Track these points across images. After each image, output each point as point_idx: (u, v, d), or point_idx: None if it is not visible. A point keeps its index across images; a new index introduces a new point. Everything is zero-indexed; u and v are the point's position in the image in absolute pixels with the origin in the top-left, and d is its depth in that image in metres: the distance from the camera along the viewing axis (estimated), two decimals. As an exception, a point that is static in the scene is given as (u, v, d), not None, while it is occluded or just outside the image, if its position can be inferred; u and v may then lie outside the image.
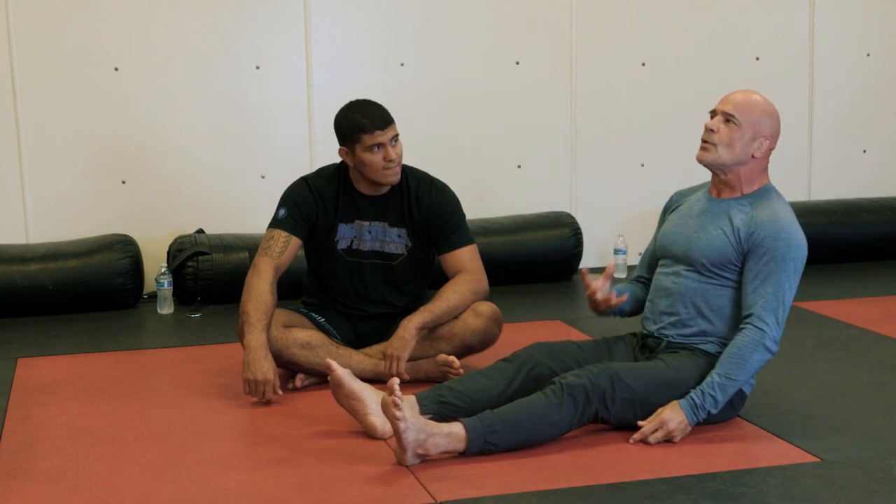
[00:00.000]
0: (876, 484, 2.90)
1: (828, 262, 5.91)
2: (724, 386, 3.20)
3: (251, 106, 5.49)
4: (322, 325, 3.92)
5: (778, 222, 3.26)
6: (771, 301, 3.22)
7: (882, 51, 6.27)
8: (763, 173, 3.38)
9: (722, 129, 3.30)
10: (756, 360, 3.22)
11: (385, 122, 3.76)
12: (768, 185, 3.39)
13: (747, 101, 3.32)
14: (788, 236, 3.25)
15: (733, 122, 3.29)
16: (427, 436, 3.03)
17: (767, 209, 3.30)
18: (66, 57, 5.25)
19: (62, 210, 5.33)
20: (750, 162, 3.33)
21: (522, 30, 5.76)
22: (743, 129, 3.29)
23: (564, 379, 3.17)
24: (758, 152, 3.32)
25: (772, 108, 3.35)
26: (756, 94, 3.36)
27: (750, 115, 3.30)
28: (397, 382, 2.98)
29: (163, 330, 4.82)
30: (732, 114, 3.29)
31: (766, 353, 3.22)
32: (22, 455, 3.21)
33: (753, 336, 3.21)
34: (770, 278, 3.23)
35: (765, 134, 3.31)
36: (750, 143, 3.30)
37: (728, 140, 3.29)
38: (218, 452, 3.25)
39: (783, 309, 3.25)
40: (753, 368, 3.23)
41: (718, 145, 3.30)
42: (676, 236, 3.44)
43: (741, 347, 3.21)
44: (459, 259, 3.88)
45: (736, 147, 3.30)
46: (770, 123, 3.33)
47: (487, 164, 5.79)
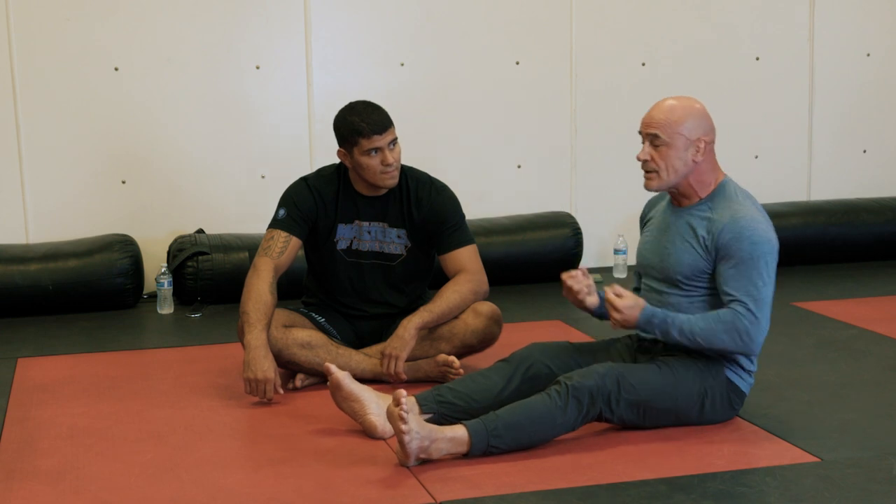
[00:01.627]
0: (876, 484, 2.90)
1: (828, 262, 5.92)
2: (683, 335, 3.18)
3: (251, 106, 5.49)
4: (322, 325, 3.92)
5: (739, 221, 3.20)
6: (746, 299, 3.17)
7: (882, 51, 6.27)
8: (713, 170, 3.32)
9: (653, 154, 3.25)
10: (726, 341, 3.17)
11: (383, 127, 3.74)
12: (724, 181, 3.33)
13: (666, 114, 3.24)
14: (752, 234, 3.19)
15: (660, 142, 3.24)
16: (430, 441, 3.03)
17: (727, 209, 3.24)
18: (66, 57, 5.25)
19: (62, 210, 5.33)
20: (695, 168, 3.27)
21: (522, 30, 5.76)
22: (673, 144, 3.23)
23: (570, 380, 3.16)
24: (697, 156, 3.25)
25: (692, 107, 3.28)
26: (671, 99, 3.29)
27: (672, 127, 3.23)
28: (404, 395, 2.98)
29: (163, 330, 4.82)
30: (657, 134, 3.24)
31: (738, 341, 3.17)
32: (22, 455, 3.21)
33: (740, 322, 3.16)
34: (742, 277, 3.18)
35: (696, 136, 3.25)
36: (686, 153, 3.24)
37: (664, 162, 3.25)
38: (218, 452, 3.25)
39: (763, 305, 3.18)
40: (718, 346, 3.18)
41: (658, 171, 3.26)
42: (650, 254, 3.41)
43: (720, 320, 3.16)
44: (459, 259, 3.88)
45: (675, 164, 3.25)
46: (696, 124, 3.25)
47: (487, 164, 5.79)
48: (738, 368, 3.33)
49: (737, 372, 3.33)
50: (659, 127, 3.25)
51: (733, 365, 3.32)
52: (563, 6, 5.79)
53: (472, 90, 5.74)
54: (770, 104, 6.14)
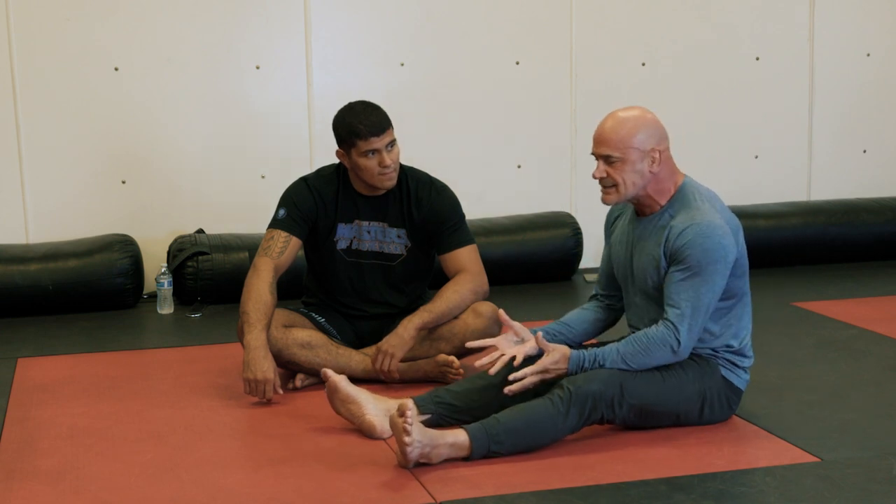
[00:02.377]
0: (876, 484, 2.90)
1: (828, 262, 5.92)
2: (616, 364, 3.18)
3: (251, 106, 5.49)
4: (322, 325, 3.92)
5: (693, 227, 3.16)
6: (686, 309, 3.16)
7: (882, 51, 6.27)
8: (671, 176, 3.27)
9: (609, 171, 3.22)
10: (658, 357, 3.18)
11: (381, 129, 3.73)
12: (683, 183, 3.28)
13: (615, 131, 3.20)
14: (704, 241, 3.14)
15: (613, 160, 3.20)
16: (432, 447, 3.03)
17: (685, 214, 3.20)
18: (66, 57, 5.25)
19: (62, 210, 5.33)
20: (652, 178, 3.24)
21: (522, 30, 5.76)
22: (626, 160, 3.19)
23: (573, 384, 3.14)
24: (654, 166, 3.22)
25: (642, 118, 3.23)
26: (619, 112, 3.25)
27: (623, 142, 3.19)
28: (410, 407, 2.97)
29: (163, 330, 4.82)
30: (609, 154, 3.21)
31: (670, 354, 3.19)
32: (22, 455, 3.21)
33: (664, 336, 3.17)
34: (687, 286, 3.16)
35: (649, 148, 3.21)
36: (641, 164, 3.21)
37: (620, 178, 3.21)
38: (218, 452, 3.25)
39: (701, 314, 3.17)
40: (652, 363, 3.19)
41: (616, 185, 3.22)
42: (622, 268, 3.40)
43: (651, 340, 3.17)
44: (459, 259, 3.88)
45: (631, 178, 3.21)
46: (647, 135, 3.21)
47: (487, 164, 5.79)
48: (733, 366, 3.33)
49: (732, 370, 3.33)
50: (609, 146, 3.21)
51: (728, 364, 3.32)
52: (563, 6, 5.79)
53: (472, 90, 5.74)
54: (770, 104, 6.14)
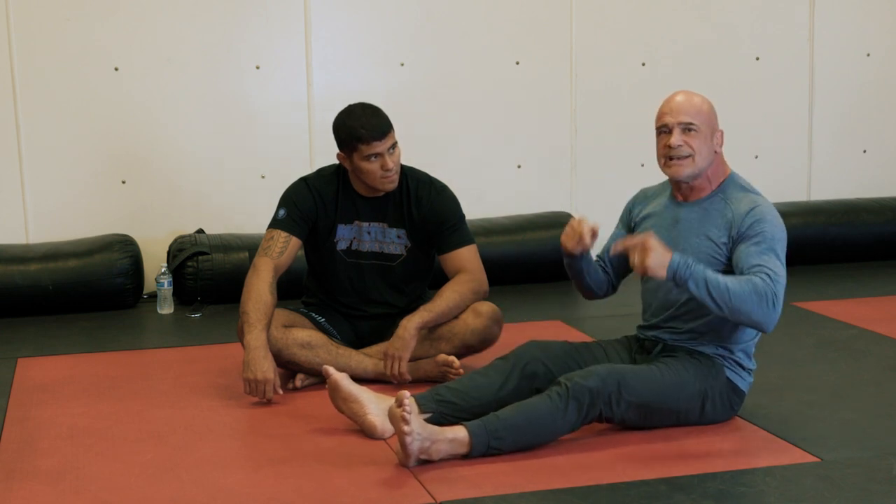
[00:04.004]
0: (876, 484, 2.90)
1: (828, 262, 5.92)
2: (717, 286, 3.08)
3: (251, 106, 5.49)
4: (322, 325, 3.92)
5: (759, 208, 3.27)
6: (773, 273, 3.15)
7: (882, 51, 6.27)
8: (724, 163, 3.40)
9: (687, 140, 3.28)
10: (757, 310, 3.10)
11: (382, 133, 3.73)
12: (732, 174, 3.40)
13: (693, 104, 3.31)
14: (774, 218, 3.27)
15: (693, 129, 3.28)
16: (431, 442, 3.03)
17: (745, 199, 3.30)
18: (66, 57, 5.25)
19: (62, 210, 5.33)
20: (715, 158, 3.35)
21: (522, 30, 5.77)
22: (702, 131, 3.29)
23: (570, 381, 3.15)
24: (718, 146, 3.34)
25: (706, 99, 3.36)
26: (688, 92, 3.36)
27: (701, 115, 3.30)
28: (407, 396, 2.98)
29: (163, 330, 4.82)
30: (691, 122, 3.28)
31: (766, 311, 3.11)
32: (22, 455, 3.21)
33: (765, 289, 3.11)
34: (768, 255, 3.20)
35: (716, 125, 3.34)
36: (712, 142, 3.32)
37: (697, 148, 3.29)
38: (218, 452, 3.25)
39: (783, 284, 3.18)
40: (748, 312, 3.10)
41: (693, 156, 3.29)
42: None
43: (757, 288, 3.10)
44: (459, 259, 3.88)
45: (704, 152, 3.30)
46: (715, 115, 3.35)
47: (487, 164, 5.79)
48: (738, 367, 3.34)
49: (737, 371, 3.34)
50: (692, 115, 3.29)
51: (733, 364, 3.33)
52: (563, 6, 5.79)
53: (472, 90, 5.74)
54: (770, 104, 6.14)
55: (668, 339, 3.37)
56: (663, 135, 3.33)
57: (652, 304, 3.45)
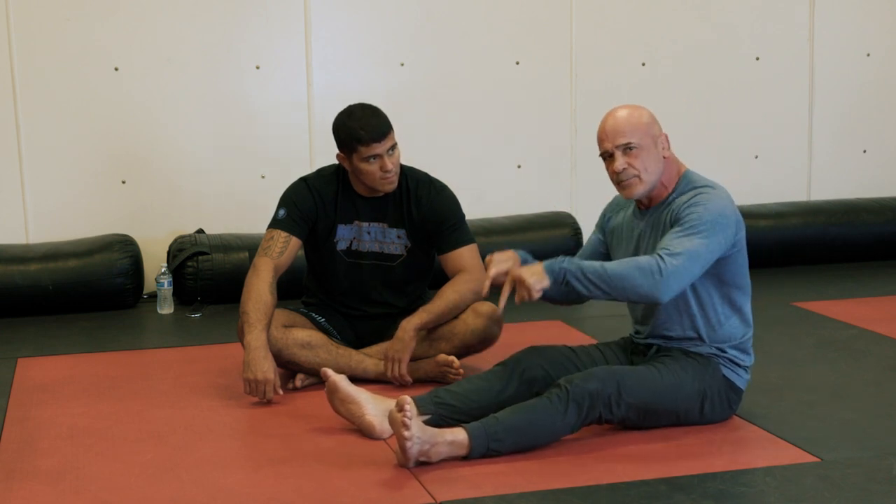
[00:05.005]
0: (876, 484, 2.90)
1: (828, 262, 5.92)
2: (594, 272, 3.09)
3: (251, 106, 5.49)
4: (322, 325, 3.92)
5: (698, 197, 3.22)
6: (678, 250, 3.10)
7: (882, 51, 6.27)
8: (677, 163, 3.36)
9: (630, 161, 3.25)
10: (639, 282, 3.07)
11: (382, 134, 3.72)
12: (686, 172, 3.35)
13: (627, 121, 3.26)
14: (707, 202, 3.19)
15: (633, 147, 3.25)
16: (431, 445, 3.03)
17: (689, 193, 3.26)
18: (66, 57, 5.25)
19: (62, 210, 5.33)
20: (665, 164, 3.31)
21: (522, 30, 5.77)
22: (644, 146, 3.25)
23: (570, 383, 3.15)
24: (665, 150, 3.30)
25: (642, 108, 3.32)
26: (619, 109, 3.31)
27: (638, 130, 3.25)
28: (408, 401, 2.98)
29: (163, 330, 4.82)
30: (629, 142, 3.24)
31: (650, 281, 3.06)
32: (22, 455, 3.21)
33: (649, 261, 3.09)
34: (682, 237, 3.14)
35: (657, 132, 3.29)
36: (658, 150, 3.28)
37: (643, 165, 3.25)
38: (218, 452, 3.25)
39: (692, 261, 3.11)
40: (631, 287, 3.08)
41: (640, 175, 3.26)
42: None
43: (637, 262, 3.10)
44: (459, 259, 3.88)
45: (651, 165, 3.26)
46: (653, 121, 3.30)
47: (487, 164, 5.79)
48: (734, 365, 3.34)
49: (733, 369, 3.33)
50: (627, 134, 3.25)
51: (728, 363, 3.32)
52: (563, 6, 5.79)
53: (472, 90, 5.74)
54: (770, 104, 6.14)
55: (661, 343, 3.38)
56: (607, 160, 3.30)
57: (636, 313, 3.46)
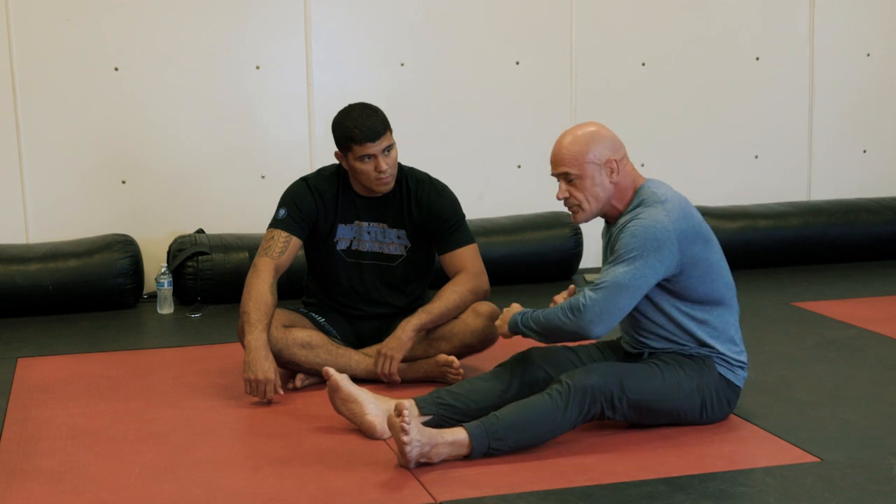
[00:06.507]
0: (876, 484, 2.90)
1: (828, 262, 5.92)
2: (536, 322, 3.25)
3: (251, 106, 5.49)
4: (322, 325, 3.92)
5: (630, 221, 3.21)
6: (603, 283, 3.15)
7: (882, 51, 6.27)
8: (632, 182, 3.30)
9: (570, 190, 3.26)
10: (562, 322, 3.17)
11: (377, 135, 3.72)
12: (640, 187, 3.31)
13: (570, 148, 3.24)
14: (635, 228, 3.17)
15: (573, 177, 3.24)
16: (431, 447, 3.03)
17: (632, 215, 3.24)
18: (66, 57, 5.25)
19: (62, 210, 5.33)
20: (614, 188, 3.28)
21: (522, 30, 5.76)
22: (586, 175, 3.23)
23: (570, 379, 3.15)
24: (614, 176, 3.26)
25: (593, 133, 3.27)
26: (571, 131, 3.29)
27: (580, 158, 3.23)
28: (406, 406, 2.98)
29: (163, 330, 4.82)
30: (567, 171, 3.24)
31: (571, 319, 3.15)
32: (22, 455, 3.22)
33: (570, 301, 3.19)
34: (610, 268, 3.18)
35: (605, 159, 3.25)
36: (602, 177, 3.25)
37: (584, 195, 3.25)
38: (218, 452, 3.25)
39: (617, 292, 3.14)
40: (559, 329, 3.19)
41: (580, 204, 3.26)
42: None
43: (561, 306, 3.21)
44: (459, 259, 3.88)
45: (596, 192, 3.25)
46: (602, 146, 3.25)
47: (487, 164, 5.79)
48: (729, 364, 3.33)
49: (729, 368, 3.33)
50: (566, 164, 3.25)
51: (723, 362, 3.32)
52: (563, 6, 5.79)
53: (472, 90, 5.73)
54: (770, 104, 6.14)
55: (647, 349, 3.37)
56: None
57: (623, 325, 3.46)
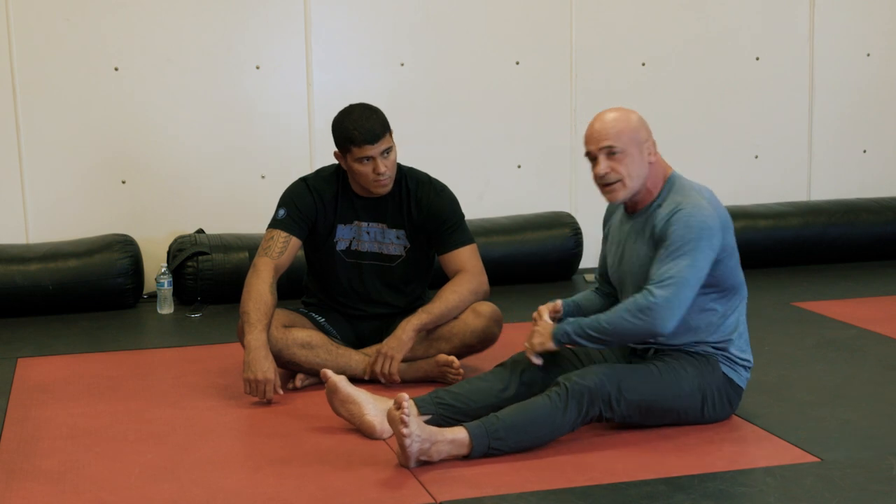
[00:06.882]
0: (876, 484, 2.90)
1: (828, 262, 5.92)
2: (594, 327, 3.20)
3: (251, 106, 5.49)
4: (322, 325, 3.92)
5: (677, 209, 3.21)
6: (667, 279, 3.14)
7: (882, 51, 6.27)
8: (662, 168, 3.34)
9: (613, 165, 3.25)
10: (633, 321, 3.15)
11: (375, 136, 3.72)
12: (671, 176, 3.34)
13: (613, 125, 3.25)
14: (689, 218, 3.18)
15: (617, 152, 3.24)
16: (431, 444, 3.03)
17: (671, 203, 3.26)
18: (66, 57, 5.25)
19: (62, 210, 5.33)
20: (650, 169, 3.30)
21: (522, 30, 5.76)
22: (628, 151, 3.24)
23: (569, 380, 3.15)
24: (651, 156, 3.29)
25: (630, 112, 3.31)
26: (607, 112, 3.31)
27: (623, 135, 3.24)
28: (406, 398, 2.98)
29: (163, 330, 4.82)
30: (612, 145, 3.24)
31: (643, 316, 3.14)
32: (22, 455, 3.22)
33: (636, 299, 3.16)
34: (669, 262, 3.17)
35: (643, 138, 3.27)
36: (642, 156, 3.27)
37: (625, 171, 3.25)
38: (218, 452, 3.25)
39: (684, 288, 3.15)
40: (629, 328, 3.17)
41: (622, 179, 3.26)
42: (617, 270, 3.40)
43: (626, 304, 3.18)
44: (459, 259, 3.88)
45: (635, 171, 3.26)
46: (640, 126, 3.29)
47: (487, 164, 5.79)
48: (734, 364, 3.33)
49: (733, 368, 3.33)
50: (610, 138, 3.25)
51: (729, 361, 3.32)
52: (563, 6, 5.79)
53: (472, 90, 5.73)
54: (770, 104, 6.14)
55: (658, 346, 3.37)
56: (592, 163, 3.31)
57: None
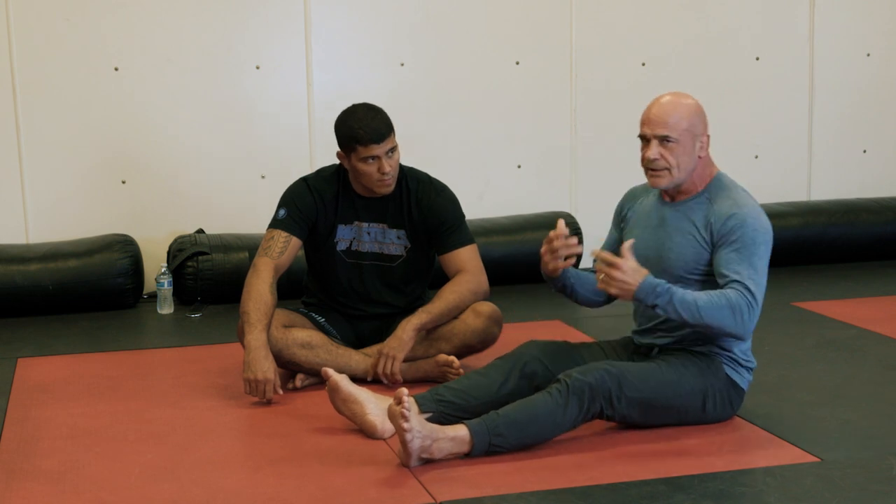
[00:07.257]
0: (876, 484, 2.90)
1: (828, 262, 5.92)
2: (686, 307, 3.11)
3: (251, 106, 5.49)
4: (322, 325, 3.92)
5: (742, 209, 3.23)
6: (749, 280, 3.15)
7: (882, 51, 6.27)
8: (710, 164, 3.36)
9: (664, 153, 3.26)
10: (732, 318, 3.12)
11: (381, 136, 3.72)
12: (719, 174, 3.36)
13: (673, 114, 3.25)
14: (755, 221, 3.22)
15: (670, 141, 3.25)
16: (432, 441, 3.03)
17: (727, 199, 3.27)
18: (66, 57, 5.25)
19: (62, 210, 5.33)
20: (699, 163, 3.31)
21: (522, 30, 5.76)
22: (682, 142, 3.25)
23: (569, 377, 3.15)
24: (702, 151, 3.29)
25: (693, 103, 3.30)
26: (670, 97, 3.30)
27: (680, 125, 3.25)
28: (406, 393, 2.98)
29: (163, 330, 4.82)
30: (668, 135, 3.25)
31: (741, 318, 3.12)
32: (22, 455, 3.21)
33: (739, 297, 3.13)
34: (745, 262, 3.18)
35: (700, 132, 3.28)
36: (693, 149, 3.27)
37: (675, 161, 3.26)
38: (218, 452, 3.25)
39: (762, 289, 3.19)
40: (724, 323, 3.13)
41: (670, 168, 3.27)
42: (645, 250, 3.34)
43: (729, 298, 3.12)
44: (459, 259, 3.88)
45: (684, 162, 3.27)
46: (700, 119, 3.29)
47: (487, 164, 5.79)
48: (737, 365, 3.33)
49: (736, 369, 3.33)
50: (667, 127, 3.25)
51: (731, 362, 3.32)
52: (563, 6, 5.79)
53: (472, 90, 5.73)
54: (770, 104, 6.14)
55: (662, 343, 3.37)
56: (643, 143, 3.31)
57: (639, 311, 3.46)
